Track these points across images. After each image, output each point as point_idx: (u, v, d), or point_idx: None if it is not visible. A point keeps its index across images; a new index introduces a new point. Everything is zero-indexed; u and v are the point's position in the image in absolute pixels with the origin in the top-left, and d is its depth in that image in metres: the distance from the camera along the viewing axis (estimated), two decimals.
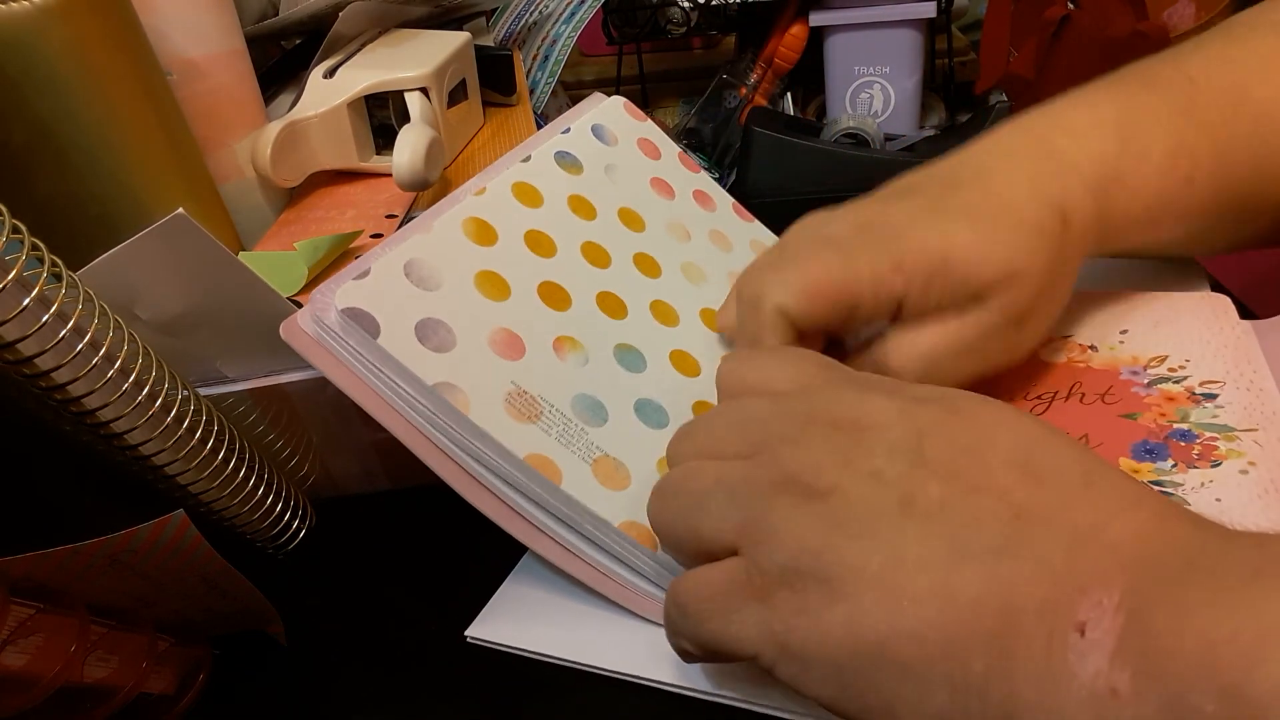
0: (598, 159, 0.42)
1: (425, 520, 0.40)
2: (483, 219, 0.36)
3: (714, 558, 0.26)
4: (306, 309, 0.33)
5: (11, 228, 0.28)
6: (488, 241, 0.36)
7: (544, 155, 0.41)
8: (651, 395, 0.35)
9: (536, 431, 0.32)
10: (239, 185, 0.52)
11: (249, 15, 0.59)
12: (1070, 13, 0.60)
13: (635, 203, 0.42)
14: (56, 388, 0.30)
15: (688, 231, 0.43)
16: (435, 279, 0.33)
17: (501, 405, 0.31)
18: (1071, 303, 0.42)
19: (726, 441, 0.27)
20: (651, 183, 0.44)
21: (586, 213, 0.40)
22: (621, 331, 0.37)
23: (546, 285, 0.36)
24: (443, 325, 0.32)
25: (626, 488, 0.32)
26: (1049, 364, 0.39)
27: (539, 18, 0.69)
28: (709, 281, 0.41)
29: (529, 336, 0.34)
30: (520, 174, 0.39)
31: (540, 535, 0.32)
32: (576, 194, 0.40)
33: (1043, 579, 0.21)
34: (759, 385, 0.29)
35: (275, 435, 0.39)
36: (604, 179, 0.42)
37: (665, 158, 0.45)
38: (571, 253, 0.38)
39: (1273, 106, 0.38)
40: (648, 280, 0.39)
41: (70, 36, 0.40)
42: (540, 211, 0.38)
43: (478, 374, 0.32)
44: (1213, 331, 0.39)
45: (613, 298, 0.38)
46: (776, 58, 0.69)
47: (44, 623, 0.28)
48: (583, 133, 0.43)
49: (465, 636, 0.33)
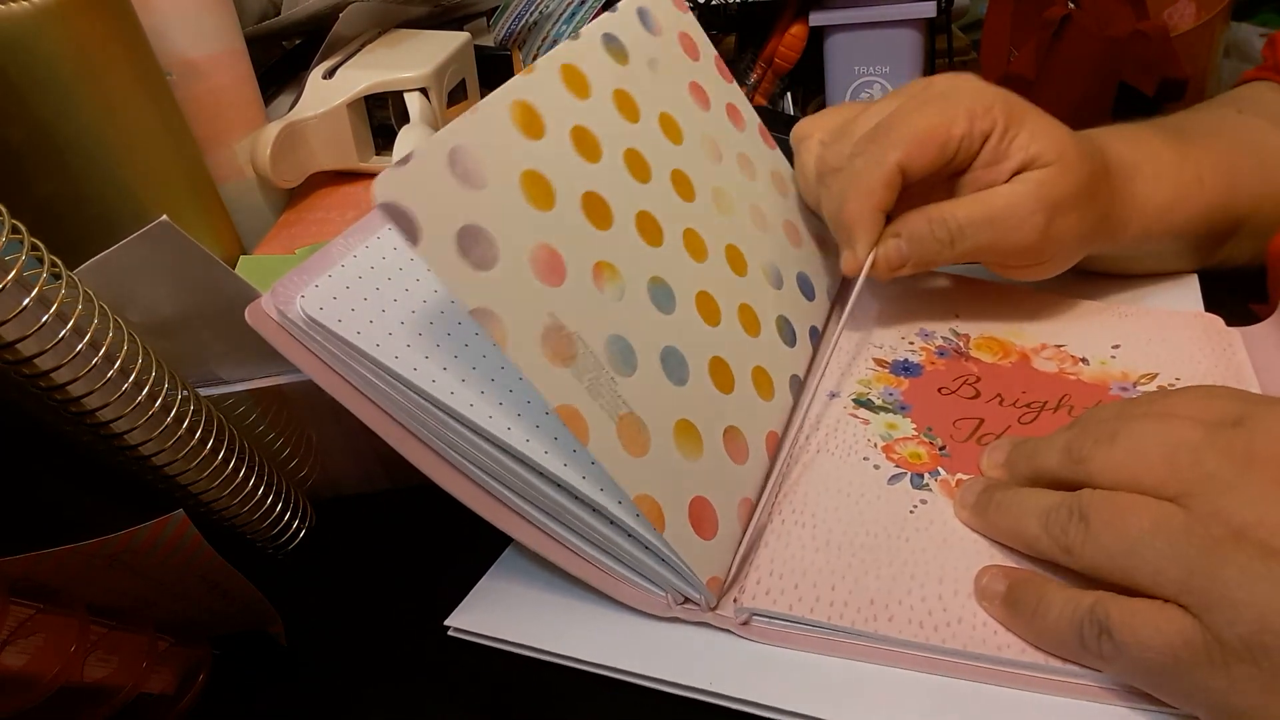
0: (642, 50, 0.41)
1: (425, 520, 0.40)
2: (531, 104, 0.34)
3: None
4: (268, 297, 0.32)
5: (11, 228, 0.28)
6: (535, 134, 0.34)
7: (593, 37, 0.39)
8: (676, 343, 0.34)
9: (569, 377, 0.30)
10: (239, 185, 0.52)
11: (249, 15, 0.59)
12: (1071, 12, 0.60)
13: (675, 108, 0.41)
14: (56, 388, 0.30)
15: (719, 151, 0.43)
16: (480, 174, 0.30)
17: (539, 341, 0.29)
18: (1066, 313, 0.43)
19: (1152, 469, 0.26)
20: (690, 88, 0.43)
21: (630, 113, 0.39)
22: (657, 262, 0.36)
23: (590, 196, 0.34)
24: (484, 235, 0.29)
25: (644, 455, 0.31)
26: (1040, 373, 0.39)
27: (539, 18, 0.69)
28: (735, 212, 0.41)
29: (570, 257, 0.32)
30: (569, 54, 0.37)
31: (521, 522, 0.32)
32: (622, 89, 0.39)
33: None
34: (1183, 410, 0.28)
35: (275, 435, 0.39)
36: (647, 74, 0.41)
37: (704, 60, 0.45)
38: (615, 160, 0.37)
39: (1260, 136, 0.45)
40: (683, 204, 0.39)
41: (70, 36, 0.40)
42: (587, 105, 0.37)
43: (517, 300, 0.29)
44: (1204, 351, 0.39)
45: (650, 220, 0.36)
46: (776, 58, 0.69)
47: (44, 623, 0.28)
48: (629, 14, 0.41)
49: (445, 627, 0.33)
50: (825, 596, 0.30)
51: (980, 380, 0.39)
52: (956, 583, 0.30)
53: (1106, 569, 0.26)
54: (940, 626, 0.29)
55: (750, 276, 0.40)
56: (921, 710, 0.27)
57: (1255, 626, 0.23)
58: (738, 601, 0.31)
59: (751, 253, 0.41)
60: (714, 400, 0.35)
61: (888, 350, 0.42)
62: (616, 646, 0.31)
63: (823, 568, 0.31)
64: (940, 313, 0.44)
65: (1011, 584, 0.29)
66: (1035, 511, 0.29)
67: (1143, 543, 0.25)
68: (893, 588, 0.30)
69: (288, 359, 0.33)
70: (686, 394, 0.34)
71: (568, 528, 0.32)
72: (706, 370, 0.35)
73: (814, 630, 0.30)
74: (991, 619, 0.29)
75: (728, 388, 0.35)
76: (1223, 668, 0.23)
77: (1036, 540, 0.29)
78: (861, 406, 0.38)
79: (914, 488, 0.34)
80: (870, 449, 0.36)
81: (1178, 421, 0.27)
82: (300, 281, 0.33)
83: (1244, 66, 0.70)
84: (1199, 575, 0.24)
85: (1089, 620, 0.26)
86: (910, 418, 0.38)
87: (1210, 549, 0.24)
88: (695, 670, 0.30)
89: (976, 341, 0.42)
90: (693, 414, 0.33)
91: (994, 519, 0.31)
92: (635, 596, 0.32)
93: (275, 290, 0.32)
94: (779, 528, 0.33)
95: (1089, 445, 0.28)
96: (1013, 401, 0.38)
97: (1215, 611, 0.23)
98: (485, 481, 0.32)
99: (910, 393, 0.39)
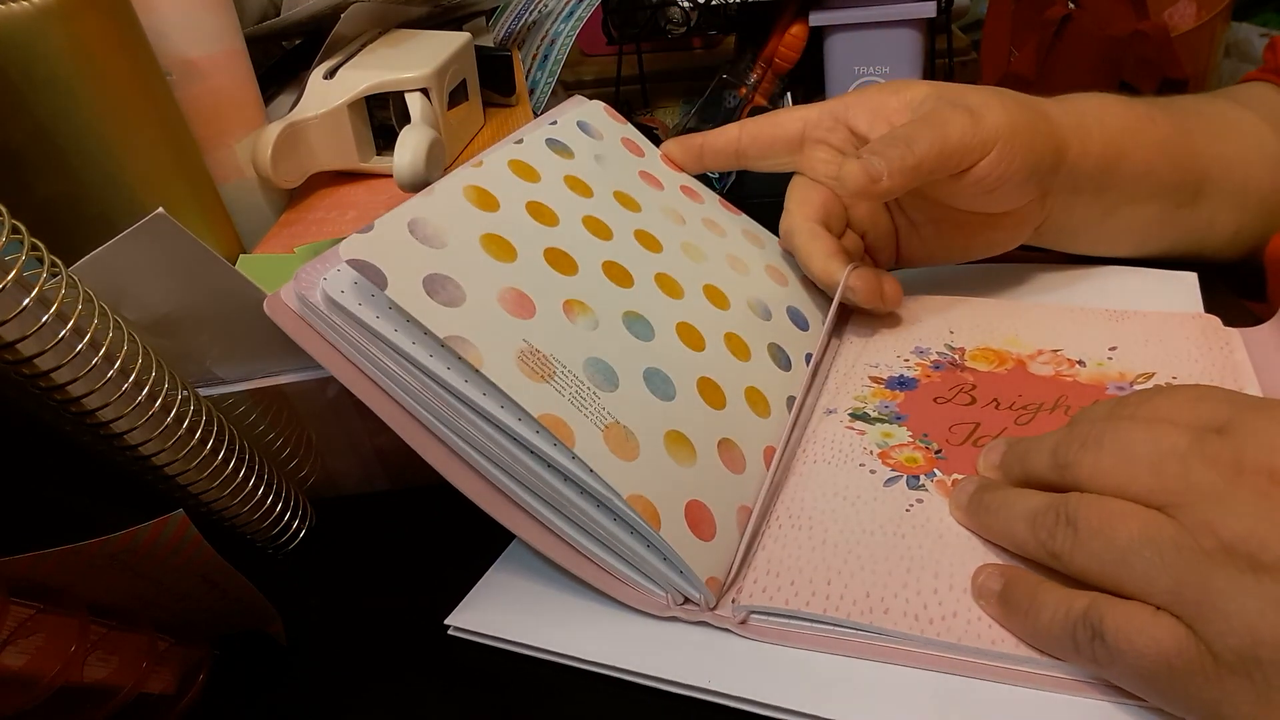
0: (587, 149, 0.43)
1: (425, 520, 0.40)
2: (483, 187, 0.36)
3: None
4: (290, 285, 0.33)
5: (11, 228, 0.28)
6: (490, 208, 0.35)
7: (535, 140, 0.41)
8: (660, 365, 0.35)
9: (550, 391, 0.31)
10: (239, 185, 0.52)
11: (249, 15, 0.59)
12: (1071, 12, 0.60)
13: (629, 188, 0.42)
14: (56, 388, 0.30)
15: (682, 217, 0.43)
16: (440, 238, 0.33)
17: (514, 361, 0.31)
18: (1062, 320, 0.43)
19: (1138, 477, 0.26)
20: (640, 174, 0.44)
21: (583, 191, 0.40)
22: (629, 299, 0.36)
23: (552, 251, 0.36)
24: (450, 281, 0.32)
25: (635, 459, 0.31)
26: (1037, 376, 0.39)
27: (538, 17, 0.69)
28: (709, 260, 0.42)
29: (538, 297, 0.33)
30: (515, 153, 0.39)
31: (526, 518, 0.32)
32: (571, 175, 0.40)
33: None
34: (1171, 414, 0.28)
35: (275, 435, 0.39)
36: (595, 166, 0.42)
37: (649, 156, 0.46)
38: (573, 224, 0.38)
39: (1226, 110, 0.47)
40: (650, 254, 0.39)
41: (70, 36, 0.40)
42: (539, 186, 0.38)
43: (489, 329, 0.31)
44: (1201, 350, 0.39)
45: (618, 267, 0.37)
46: (776, 57, 0.69)
47: (44, 623, 0.28)
48: (569, 125, 0.43)
49: (445, 626, 0.33)
50: (821, 591, 0.30)
51: (976, 388, 0.39)
52: (952, 578, 0.30)
53: (1095, 575, 0.26)
54: (936, 620, 0.29)
55: (734, 310, 0.40)
56: (919, 706, 0.27)
57: (1248, 640, 0.23)
58: (735, 601, 0.31)
59: (733, 291, 0.41)
60: (705, 414, 0.35)
61: (883, 368, 0.42)
62: (616, 645, 0.31)
63: (819, 564, 0.31)
64: (935, 330, 0.44)
65: (1007, 582, 0.29)
66: (1023, 514, 0.29)
67: (1132, 551, 0.25)
68: (888, 582, 0.30)
69: (305, 350, 0.33)
70: (674, 408, 0.34)
71: (572, 523, 0.32)
72: (695, 388, 0.35)
73: (811, 627, 0.30)
74: (986, 615, 0.29)
75: (719, 404, 0.36)
76: (1215, 679, 0.23)
77: (1025, 542, 0.29)
78: (858, 419, 0.38)
79: (910, 489, 0.34)
80: (867, 456, 0.36)
81: (1165, 427, 0.27)
82: (323, 269, 0.33)
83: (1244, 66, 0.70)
84: (1190, 587, 0.24)
85: (1082, 623, 0.26)
86: (906, 426, 0.38)
87: (1200, 561, 0.24)
88: (695, 669, 0.30)
89: (972, 353, 0.42)
90: (683, 426, 0.33)
91: (984, 520, 0.31)
92: (635, 596, 0.32)
93: (298, 277, 0.33)
94: (776, 531, 0.33)
95: (1075, 449, 0.28)
96: (1009, 405, 0.38)
97: (1207, 623, 0.23)
98: (493, 475, 0.32)
99: (906, 404, 0.39)
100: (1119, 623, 0.25)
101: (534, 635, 0.32)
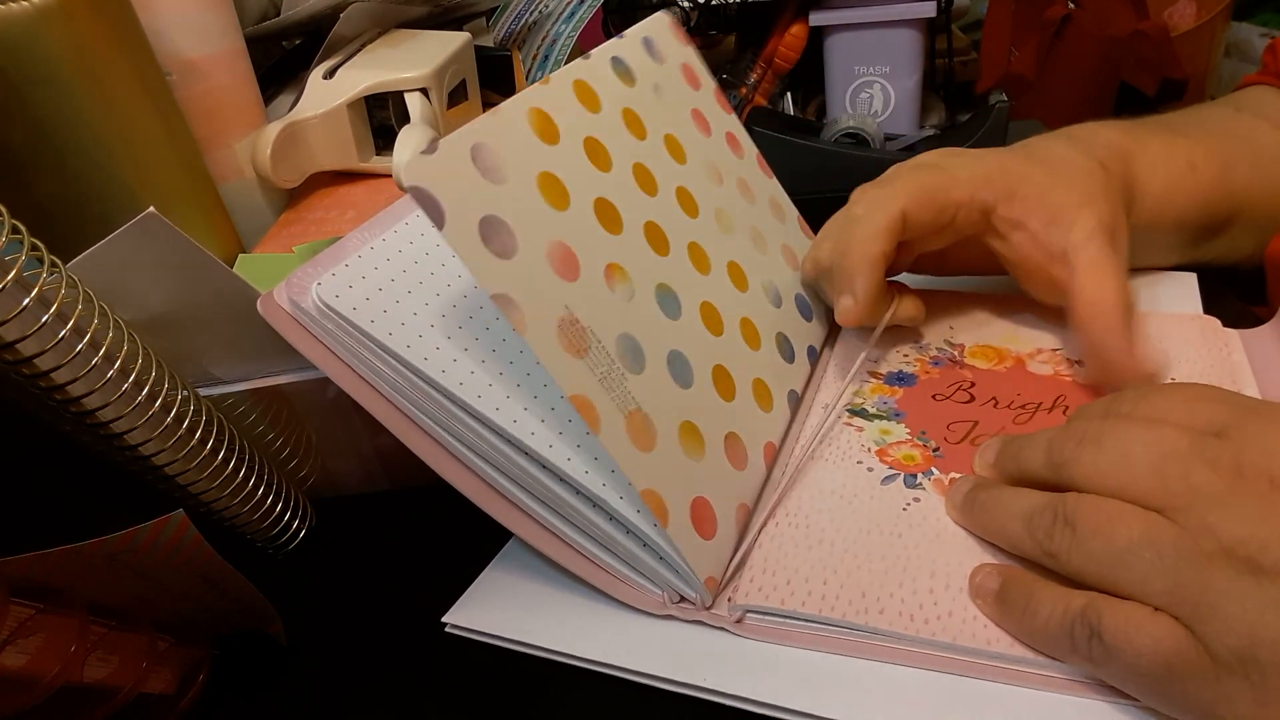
0: (648, 75, 0.42)
1: (425, 520, 0.40)
2: (546, 112, 0.35)
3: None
4: (282, 287, 0.33)
5: (11, 228, 0.28)
6: (550, 139, 0.35)
7: (602, 58, 0.40)
8: (682, 348, 0.35)
9: (583, 368, 0.30)
10: (239, 185, 0.52)
11: (249, 15, 0.59)
12: (1071, 12, 0.60)
13: (678, 131, 0.42)
14: (56, 388, 0.30)
15: (720, 175, 0.43)
16: (500, 170, 0.31)
17: (554, 331, 0.30)
18: (1062, 319, 0.42)
19: (1138, 479, 0.26)
20: (692, 114, 0.44)
21: (638, 130, 0.39)
22: (663, 270, 0.36)
23: (602, 203, 0.35)
24: (504, 226, 0.30)
25: (651, 451, 0.31)
26: (1036, 375, 0.39)
27: (539, 17, 0.69)
28: (735, 233, 0.42)
29: (584, 256, 0.33)
30: (580, 71, 0.38)
31: (522, 517, 0.32)
32: (629, 107, 0.40)
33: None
34: (1168, 415, 0.28)
35: (275, 435, 0.39)
36: (653, 97, 0.42)
37: (704, 90, 0.46)
38: (624, 172, 0.37)
39: (1255, 131, 0.45)
40: (687, 219, 0.39)
41: (70, 36, 0.40)
42: (598, 118, 0.38)
43: (535, 290, 0.30)
44: (1200, 351, 0.39)
45: (657, 230, 0.37)
46: (776, 58, 0.69)
47: (44, 623, 0.28)
48: (635, 42, 0.43)
49: (443, 625, 0.33)
50: (817, 590, 0.30)
51: (975, 385, 0.39)
52: (948, 577, 0.30)
53: (1094, 576, 0.26)
54: (931, 620, 0.29)
55: (751, 293, 0.40)
56: (914, 705, 0.27)
57: (1246, 641, 0.23)
58: (732, 600, 0.31)
59: (752, 271, 0.41)
60: (716, 406, 0.35)
61: (882, 364, 0.42)
62: (612, 643, 0.31)
63: (815, 564, 0.31)
64: (934, 326, 0.44)
65: (1005, 581, 0.29)
66: (1019, 513, 0.29)
67: (1131, 553, 0.25)
68: (884, 581, 0.30)
69: (298, 350, 0.33)
70: (691, 397, 0.34)
71: (568, 522, 0.32)
72: (710, 377, 0.35)
73: (807, 625, 0.30)
74: (983, 614, 0.29)
75: (729, 395, 0.36)
76: (1214, 680, 0.23)
77: (1021, 542, 0.29)
78: (856, 415, 0.38)
79: (907, 487, 0.34)
80: (864, 453, 0.36)
81: (1164, 428, 0.27)
82: (316, 272, 0.33)
83: (1244, 66, 0.70)
84: (1189, 588, 0.24)
85: (1080, 622, 0.26)
86: (904, 423, 0.38)
87: (1200, 564, 0.24)
88: (691, 667, 0.30)
89: (971, 350, 0.42)
90: (696, 417, 0.33)
91: (979, 519, 0.31)
92: (631, 594, 0.32)
93: (291, 279, 0.33)
94: (773, 530, 0.33)
95: (1072, 447, 0.28)
96: (1007, 404, 0.38)
97: (1206, 623, 0.23)
98: (488, 475, 0.33)
99: (904, 400, 0.39)
100: (1117, 622, 0.25)
101: (531, 633, 0.32)
